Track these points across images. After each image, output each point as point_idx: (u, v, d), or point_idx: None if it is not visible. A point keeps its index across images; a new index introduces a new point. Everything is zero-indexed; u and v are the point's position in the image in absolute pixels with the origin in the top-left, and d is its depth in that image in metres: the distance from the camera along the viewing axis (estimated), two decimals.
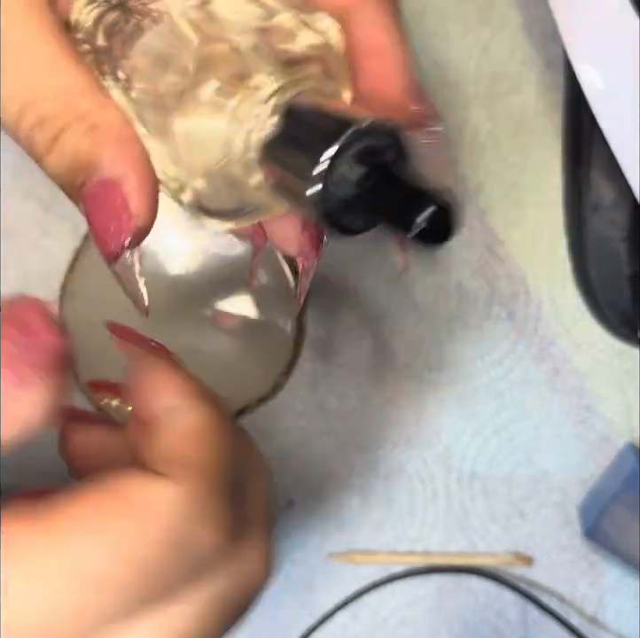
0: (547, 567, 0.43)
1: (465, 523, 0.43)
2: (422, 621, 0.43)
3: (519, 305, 0.41)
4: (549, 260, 0.42)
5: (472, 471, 0.42)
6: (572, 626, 0.41)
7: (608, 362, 0.42)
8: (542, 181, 0.41)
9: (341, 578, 0.43)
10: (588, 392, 0.42)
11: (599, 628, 0.42)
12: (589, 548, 0.42)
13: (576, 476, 0.42)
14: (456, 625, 0.43)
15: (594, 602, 0.43)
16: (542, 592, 0.42)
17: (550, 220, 0.41)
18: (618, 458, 0.42)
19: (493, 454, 0.42)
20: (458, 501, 0.43)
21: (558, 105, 0.41)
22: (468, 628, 0.43)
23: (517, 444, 0.42)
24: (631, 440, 0.42)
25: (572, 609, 0.43)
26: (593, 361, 0.42)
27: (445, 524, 0.43)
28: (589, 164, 0.39)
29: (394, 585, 0.43)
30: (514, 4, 0.40)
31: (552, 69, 0.41)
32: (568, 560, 0.43)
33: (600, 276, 0.40)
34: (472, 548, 0.43)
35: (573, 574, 0.43)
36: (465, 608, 0.43)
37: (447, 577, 0.43)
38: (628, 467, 0.40)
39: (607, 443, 0.42)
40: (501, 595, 0.43)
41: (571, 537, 0.42)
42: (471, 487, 0.42)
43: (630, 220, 0.39)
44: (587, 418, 0.42)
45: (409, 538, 0.43)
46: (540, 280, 0.41)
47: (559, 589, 0.43)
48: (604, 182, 0.39)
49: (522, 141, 0.41)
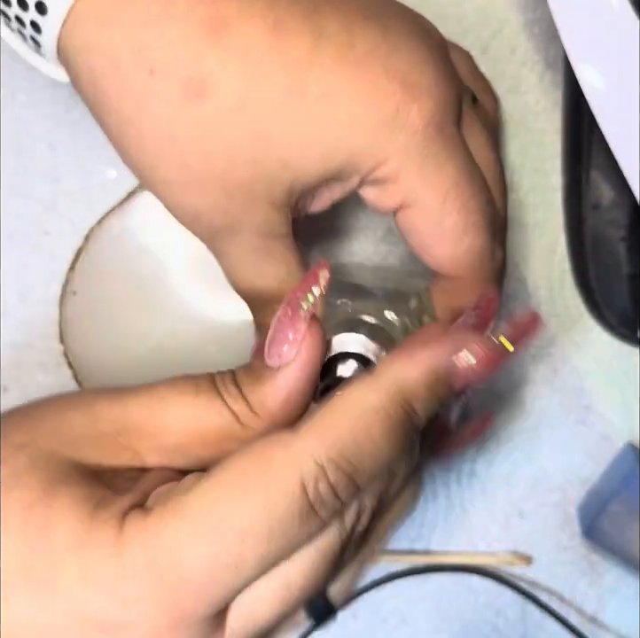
0: (546, 567, 0.43)
1: (465, 522, 0.43)
2: (422, 620, 0.43)
3: (518, 304, 0.41)
4: (548, 260, 0.42)
5: (471, 471, 0.42)
6: (571, 625, 0.41)
7: (607, 362, 0.42)
8: (542, 180, 0.41)
9: None
10: (587, 392, 0.42)
11: (599, 628, 0.43)
12: (589, 548, 0.42)
13: (576, 476, 0.42)
14: (456, 624, 0.43)
15: (593, 601, 0.43)
16: (542, 591, 0.43)
17: (550, 219, 0.41)
18: (617, 458, 0.42)
19: (492, 453, 0.42)
20: (458, 500, 0.43)
21: (557, 105, 0.41)
22: (468, 627, 0.43)
23: (516, 444, 0.42)
24: (630, 440, 0.42)
25: (571, 608, 0.43)
26: (592, 361, 0.42)
27: (445, 523, 0.43)
28: (589, 164, 0.39)
29: (394, 584, 0.43)
30: (514, 5, 0.40)
31: (552, 69, 0.41)
32: (568, 560, 0.43)
33: (599, 275, 0.40)
34: (471, 547, 0.43)
35: (573, 574, 0.43)
36: (465, 607, 0.43)
37: (447, 576, 0.43)
38: (627, 467, 0.40)
39: (606, 443, 0.42)
40: (500, 595, 0.43)
41: (570, 537, 0.43)
42: (470, 487, 0.43)
43: (629, 219, 0.39)
44: (586, 418, 0.42)
45: (409, 537, 0.43)
46: (539, 280, 0.41)
47: (559, 589, 0.43)
48: (603, 181, 0.39)
49: (522, 141, 0.41)
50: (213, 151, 0.27)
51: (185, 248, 0.39)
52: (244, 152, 0.27)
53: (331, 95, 0.27)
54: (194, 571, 0.22)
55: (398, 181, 0.28)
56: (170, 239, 0.39)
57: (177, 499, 0.23)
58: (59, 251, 0.40)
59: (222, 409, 0.26)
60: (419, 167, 0.28)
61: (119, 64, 0.26)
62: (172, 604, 0.22)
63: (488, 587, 0.43)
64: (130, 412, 0.25)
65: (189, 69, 0.26)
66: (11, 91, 0.39)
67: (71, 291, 0.39)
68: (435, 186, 0.28)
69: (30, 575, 0.23)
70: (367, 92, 0.27)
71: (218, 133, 0.27)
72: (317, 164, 0.28)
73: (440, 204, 0.28)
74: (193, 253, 0.39)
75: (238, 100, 0.26)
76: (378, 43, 0.27)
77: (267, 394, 0.26)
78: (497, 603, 0.43)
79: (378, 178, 0.28)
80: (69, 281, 0.39)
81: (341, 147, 0.27)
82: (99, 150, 0.40)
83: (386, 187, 0.29)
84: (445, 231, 0.29)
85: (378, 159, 0.28)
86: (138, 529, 0.23)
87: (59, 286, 0.39)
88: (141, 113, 0.27)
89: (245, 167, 0.27)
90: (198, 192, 0.28)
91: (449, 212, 0.29)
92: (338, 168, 0.28)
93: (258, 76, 0.26)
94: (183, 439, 0.26)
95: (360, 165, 0.28)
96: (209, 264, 0.39)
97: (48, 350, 0.40)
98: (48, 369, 0.40)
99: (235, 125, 0.26)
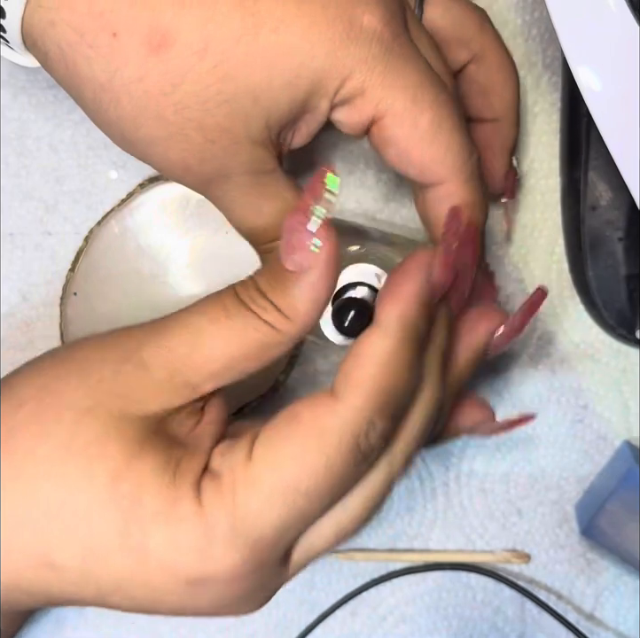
0: (545, 565, 0.43)
1: (464, 521, 0.43)
2: (421, 618, 0.43)
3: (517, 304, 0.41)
4: (546, 260, 0.42)
5: (470, 470, 0.43)
6: (569, 622, 0.41)
7: (605, 362, 0.42)
8: (540, 181, 0.41)
9: (341, 575, 0.43)
10: (585, 391, 0.42)
11: (597, 625, 0.43)
12: (587, 546, 0.43)
13: (573, 474, 0.43)
14: (455, 621, 0.43)
15: (591, 599, 0.43)
16: (540, 589, 0.43)
17: (548, 220, 0.42)
18: (615, 457, 0.42)
19: (491, 452, 0.43)
20: (457, 499, 0.43)
21: (555, 107, 0.41)
22: (467, 625, 0.43)
23: (514, 443, 0.42)
24: (628, 439, 0.42)
25: (569, 606, 0.43)
26: (590, 361, 0.42)
27: (443, 521, 0.43)
28: (587, 165, 0.39)
29: (394, 582, 0.43)
30: (512, 6, 0.40)
31: (550, 71, 0.41)
32: (566, 558, 0.43)
33: (597, 276, 0.40)
34: (470, 545, 0.43)
35: (571, 572, 0.43)
36: (464, 605, 0.43)
37: (445, 574, 0.43)
38: (624, 465, 0.40)
39: (604, 442, 0.42)
40: (499, 592, 0.43)
41: (568, 535, 0.43)
42: (469, 486, 0.43)
43: (627, 220, 0.39)
44: (584, 417, 0.42)
45: (408, 535, 0.43)
46: (537, 280, 0.42)
47: (557, 586, 0.43)
48: (601, 183, 0.39)
49: (520, 142, 0.41)
50: (184, 99, 0.28)
51: (185, 248, 0.39)
52: (214, 96, 0.28)
53: (285, 23, 0.28)
54: (270, 530, 0.26)
55: (365, 93, 0.29)
56: (170, 239, 0.39)
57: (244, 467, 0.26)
58: (60, 251, 0.40)
59: (257, 324, 0.27)
60: (382, 76, 0.29)
61: (83, 32, 0.27)
62: (253, 556, 0.26)
63: (487, 585, 0.43)
64: (176, 352, 0.27)
65: (149, 24, 0.27)
66: (12, 93, 0.39)
67: (71, 292, 0.39)
68: (402, 89, 0.29)
69: (125, 542, 0.25)
70: (318, 15, 0.28)
71: (186, 80, 0.27)
72: (284, 93, 0.28)
73: (411, 104, 0.29)
74: (193, 253, 0.39)
75: (199, 44, 0.27)
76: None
77: (295, 297, 0.27)
78: (496, 601, 0.43)
79: (346, 97, 0.29)
80: (70, 281, 0.39)
81: (304, 72, 0.28)
82: (100, 151, 0.40)
83: (355, 103, 0.29)
84: (422, 131, 0.29)
85: (341, 76, 0.28)
86: (216, 498, 0.25)
87: (60, 287, 0.40)
88: (112, 77, 0.28)
89: (219, 110, 0.28)
90: (181, 145, 0.29)
91: (421, 110, 0.29)
92: (305, 94, 0.29)
93: (214, 19, 0.27)
94: (229, 361, 0.27)
95: (325, 86, 0.29)
96: (209, 264, 0.39)
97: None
98: None
99: (200, 69, 0.27)
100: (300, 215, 0.26)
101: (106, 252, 0.39)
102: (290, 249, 0.27)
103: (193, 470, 0.26)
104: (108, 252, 0.39)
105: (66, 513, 0.25)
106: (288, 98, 0.29)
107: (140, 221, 0.39)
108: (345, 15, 0.28)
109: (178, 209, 0.39)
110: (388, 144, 0.30)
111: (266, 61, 0.28)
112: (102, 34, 0.27)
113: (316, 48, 0.28)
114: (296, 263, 0.27)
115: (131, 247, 0.39)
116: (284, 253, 0.27)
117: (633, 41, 0.33)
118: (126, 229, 0.39)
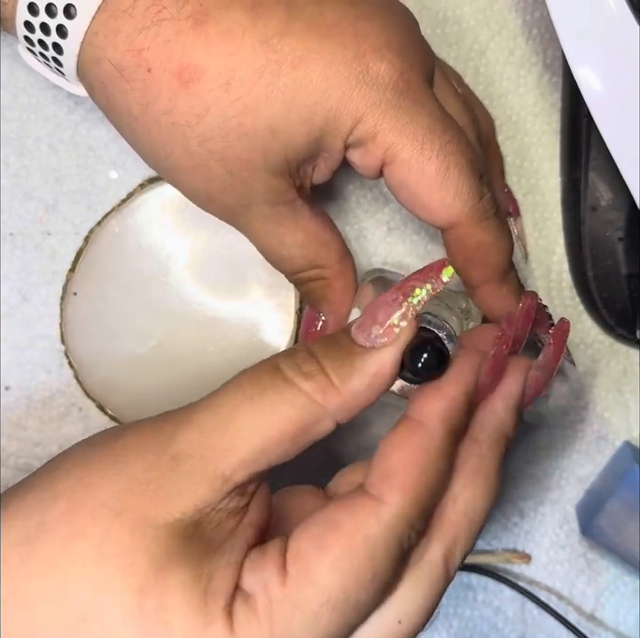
0: (545, 565, 0.43)
1: None
2: None
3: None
4: (546, 261, 0.42)
5: None
6: (570, 622, 0.41)
7: (605, 362, 0.42)
8: (540, 182, 0.41)
9: None
10: (585, 391, 0.42)
11: (597, 625, 0.43)
12: (587, 546, 0.43)
13: (574, 475, 0.43)
14: (455, 621, 0.43)
15: (592, 599, 0.43)
16: (541, 589, 0.43)
17: (548, 220, 0.42)
18: (615, 457, 0.42)
19: None
20: None
21: (556, 107, 0.41)
22: (467, 625, 0.43)
23: (515, 443, 0.42)
24: (628, 439, 0.42)
25: (570, 606, 0.43)
26: (591, 361, 0.42)
27: None
28: (587, 165, 0.39)
29: None
30: (513, 6, 0.40)
31: (550, 71, 0.41)
32: (566, 558, 0.43)
33: (597, 276, 0.40)
34: None
35: (571, 572, 0.43)
36: (464, 605, 0.43)
37: None
38: (625, 466, 0.40)
39: (605, 442, 0.42)
40: (500, 593, 0.43)
41: (569, 535, 0.43)
42: None
43: (627, 220, 0.39)
44: (584, 418, 0.42)
45: None
46: (537, 280, 0.42)
47: (557, 586, 0.43)
48: (601, 183, 0.39)
49: (520, 142, 0.41)
50: (208, 131, 0.29)
51: (185, 248, 0.39)
52: (235, 127, 0.29)
53: (305, 61, 0.28)
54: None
55: (376, 138, 0.29)
56: (170, 239, 0.39)
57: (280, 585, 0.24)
58: (60, 251, 0.40)
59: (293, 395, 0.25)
60: (394, 121, 0.29)
61: (122, 68, 0.29)
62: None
63: (487, 585, 0.43)
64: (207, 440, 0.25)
65: (180, 59, 0.28)
66: (12, 93, 0.39)
67: (71, 292, 0.39)
68: (411, 135, 0.29)
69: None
70: (338, 55, 0.29)
71: (210, 112, 0.29)
72: (301, 128, 0.29)
73: (419, 151, 0.29)
74: (193, 253, 0.39)
75: (224, 78, 0.28)
76: (347, 10, 0.29)
77: (355, 368, 0.25)
78: (496, 601, 0.43)
79: (358, 139, 0.30)
80: (70, 281, 0.39)
81: (319, 109, 0.29)
82: (100, 151, 0.40)
83: (367, 146, 0.30)
84: (429, 178, 0.30)
85: (354, 117, 0.29)
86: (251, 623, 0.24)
87: (60, 287, 0.40)
88: (145, 109, 0.29)
89: (240, 143, 0.29)
90: (205, 175, 0.30)
91: (429, 157, 0.29)
92: (320, 132, 0.29)
93: (239, 54, 0.28)
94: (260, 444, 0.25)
95: (339, 126, 0.29)
96: (209, 264, 0.39)
97: (49, 350, 0.40)
98: (49, 368, 0.40)
99: (223, 101, 0.29)
100: (398, 293, 0.26)
101: (106, 252, 0.39)
102: (370, 320, 0.26)
103: (225, 589, 0.24)
104: (108, 252, 0.39)
105: (93, 621, 0.23)
106: (305, 134, 0.29)
107: (140, 221, 0.39)
108: (364, 59, 0.29)
109: (178, 209, 0.39)
110: (400, 187, 0.30)
111: (285, 96, 0.28)
112: (139, 70, 0.29)
113: (332, 87, 0.28)
114: (371, 338, 0.26)
115: (131, 247, 0.39)
116: (360, 326, 0.26)
117: (633, 41, 0.33)
118: (126, 229, 0.39)
